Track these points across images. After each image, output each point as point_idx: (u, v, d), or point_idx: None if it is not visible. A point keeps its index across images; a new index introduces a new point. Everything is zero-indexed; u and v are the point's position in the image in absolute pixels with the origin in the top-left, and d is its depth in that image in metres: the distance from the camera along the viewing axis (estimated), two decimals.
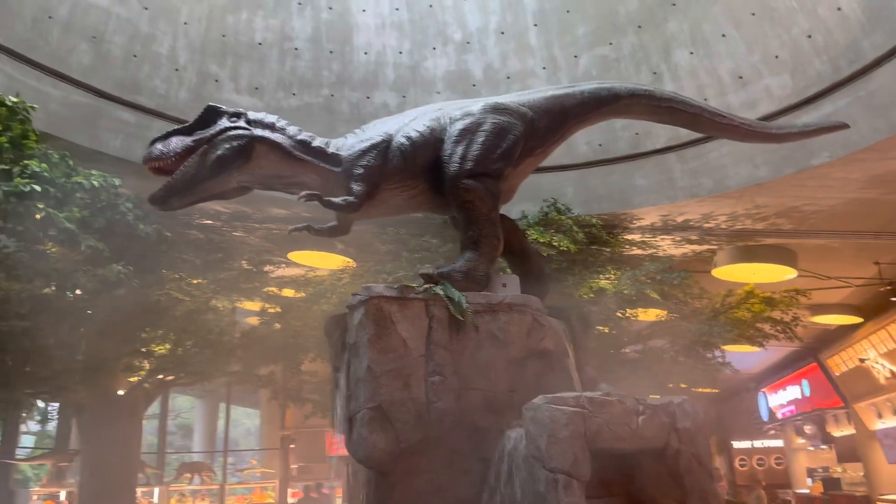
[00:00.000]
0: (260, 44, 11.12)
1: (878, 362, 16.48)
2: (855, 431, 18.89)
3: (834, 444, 20.88)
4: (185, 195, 5.54)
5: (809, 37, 8.40)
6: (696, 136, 9.19)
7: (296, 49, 11.27)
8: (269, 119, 5.79)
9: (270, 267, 14.19)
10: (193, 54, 10.66)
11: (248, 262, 13.00)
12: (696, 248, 12.12)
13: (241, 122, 5.63)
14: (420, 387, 5.09)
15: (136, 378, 13.30)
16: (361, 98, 11.43)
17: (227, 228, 13.11)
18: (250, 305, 14.48)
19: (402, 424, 4.98)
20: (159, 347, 13.08)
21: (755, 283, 11.80)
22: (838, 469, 20.64)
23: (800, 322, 10.80)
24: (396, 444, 4.95)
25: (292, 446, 20.36)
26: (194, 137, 5.53)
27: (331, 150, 5.78)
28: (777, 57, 8.78)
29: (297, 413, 19.03)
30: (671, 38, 9.84)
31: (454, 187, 5.66)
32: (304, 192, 5.44)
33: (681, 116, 6.50)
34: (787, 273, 11.88)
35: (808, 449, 23.31)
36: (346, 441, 5.20)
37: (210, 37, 10.78)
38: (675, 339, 10.64)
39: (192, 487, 18.54)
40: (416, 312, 5.23)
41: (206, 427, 28.27)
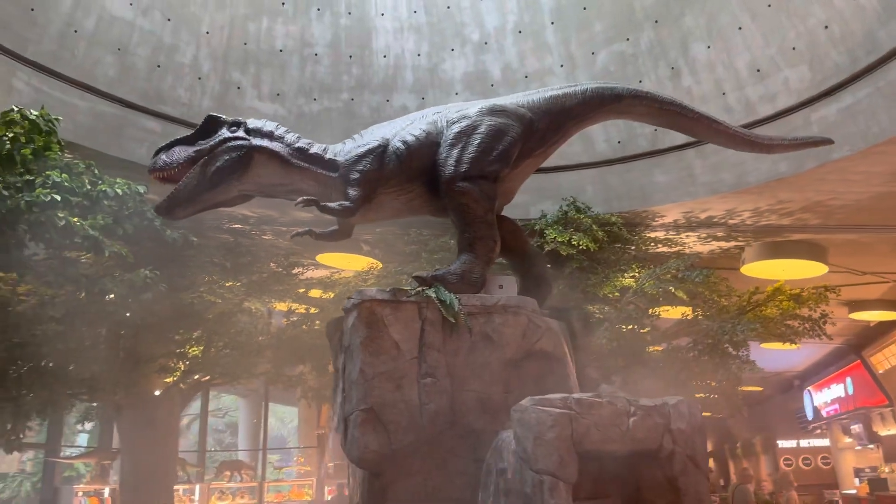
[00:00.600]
0: (280, 50, 11.32)
1: None
2: None
3: (881, 444, 20.23)
4: (189, 206, 5.75)
5: (826, 27, 8.19)
6: None
7: (316, 55, 11.44)
8: (268, 127, 5.93)
9: (299, 269, 14.47)
10: (216, 63, 10.91)
11: (276, 264, 13.27)
12: (724, 244, 11.92)
13: (240, 132, 5.78)
14: (412, 389, 5.16)
15: (171, 379, 13.69)
16: (381, 101, 11.54)
17: (256, 232, 13.39)
18: (282, 307, 14.75)
19: (395, 426, 5.06)
20: (193, 349, 13.43)
21: (785, 279, 11.54)
22: (885, 469, 20.00)
23: (829, 319, 10.51)
24: (389, 445, 5.03)
25: (329, 444, 20.65)
26: (196, 148, 5.70)
27: (328, 156, 5.88)
28: (794, 49, 8.58)
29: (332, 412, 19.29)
30: (688, 32, 9.69)
31: (449, 190, 5.71)
32: (301, 199, 5.57)
33: (681, 121, 6.48)
34: (818, 269, 11.61)
35: (856, 448, 22.64)
36: (342, 442, 5.31)
37: (232, 45, 11.02)
38: (699, 337, 10.47)
39: (232, 485, 18.95)
40: (409, 315, 5.30)
41: (251, 425, 28.86)
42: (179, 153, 5.68)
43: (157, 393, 13.96)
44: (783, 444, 26.76)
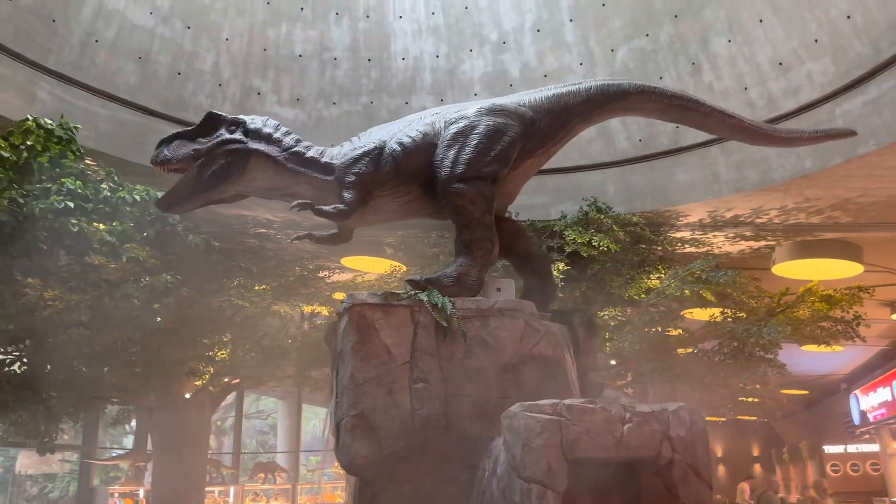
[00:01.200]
0: (300, 55, 11.37)
1: None
2: None
3: None
4: (187, 203, 5.87)
5: (848, 17, 7.85)
6: None
7: (335, 59, 11.47)
8: (267, 129, 5.91)
9: (325, 272, 14.54)
10: (236, 69, 11.01)
11: (300, 267, 13.36)
12: (753, 244, 11.56)
13: (238, 134, 5.79)
14: (404, 394, 5.09)
15: (200, 382, 13.89)
16: (400, 104, 11.51)
17: (282, 236, 13.49)
18: (309, 310, 14.83)
19: (386, 432, 4.99)
20: (221, 353, 13.60)
21: (820, 279, 11.13)
22: None
23: (866, 320, 10.09)
24: (379, 451, 4.96)
25: None
26: (195, 146, 5.74)
27: (324, 159, 5.85)
28: (816, 41, 8.25)
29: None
30: (708, 26, 9.41)
31: (446, 192, 5.63)
32: (296, 203, 5.56)
33: (691, 115, 6.25)
34: (854, 269, 11.17)
35: None
36: (334, 447, 5.26)
37: (251, 51, 11.11)
38: (724, 340, 10.17)
39: (266, 487, 19.13)
40: (401, 319, 5.23)
41: (288, 427, 29.11)
42: (179, 149, 5.73)
43: (187, 396, 14.19)
44: (830, 449, 25.93)
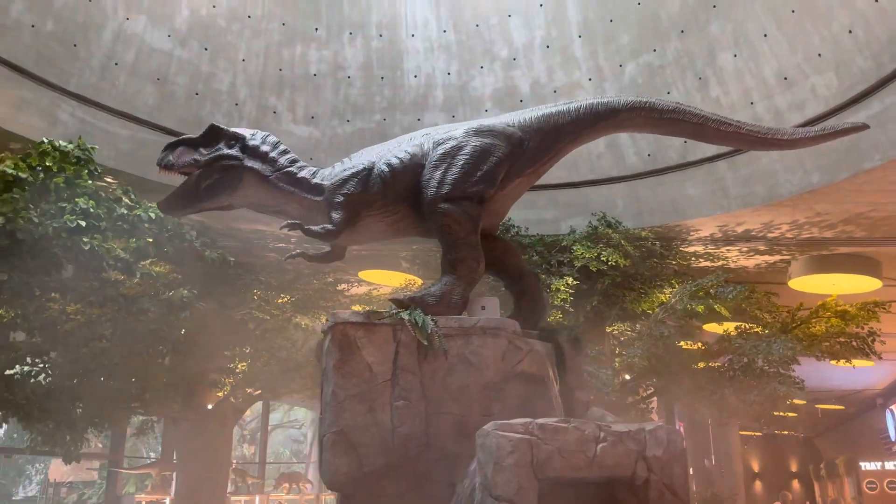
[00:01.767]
0: (314, 75, 11.63)
1: None
2: None
3: None
4: (186, 208, 6.24)
5: (850, 32, 7.77)
6: None
7: (348, 77, 11.70)
8: (264, 148, 6.09)
9: (344, 286, 14.75)
10: (252, 89, 11.31)
11: (318, 281, 13.60)
12: (768, 258, 11.43)
13: (236, 150, 5.98)
14: (385, 411, 5.19)
15: (222, 393, 14.18)
16: (413, 121, 11.67)
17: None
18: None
19: (366, 449, 5.09)
20: (242, 365, 13.88)
21: (837, 294, 10.96)
22: None
23: (878, 336, 9.89)
24: (360, 468, 5.07)
25: None
26: (195, 156, 5.97)
27: (315, 180, 6.01)
28: (820, 55, 8.17)
29: None
30: (714, 40, 9.39)
31: (431, 212, 5.73)
32: (285, 223, 5.73)
33: (684, 127, 6.19)
34: (872, 284, 10.97)
35: None
36: (318, 463, 5.38)
37: (267, 71, 11.40)
38: (734, 356, 10.06)
39: (291, 497, 19.36)
40: (383, 338, 5.34)
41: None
42: (182, 156, 5.98)
43: (209, 407, 14.49)
44: (867, 465, 25.21)
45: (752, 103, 9.07)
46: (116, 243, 8.34)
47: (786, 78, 8.61)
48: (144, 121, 10.38)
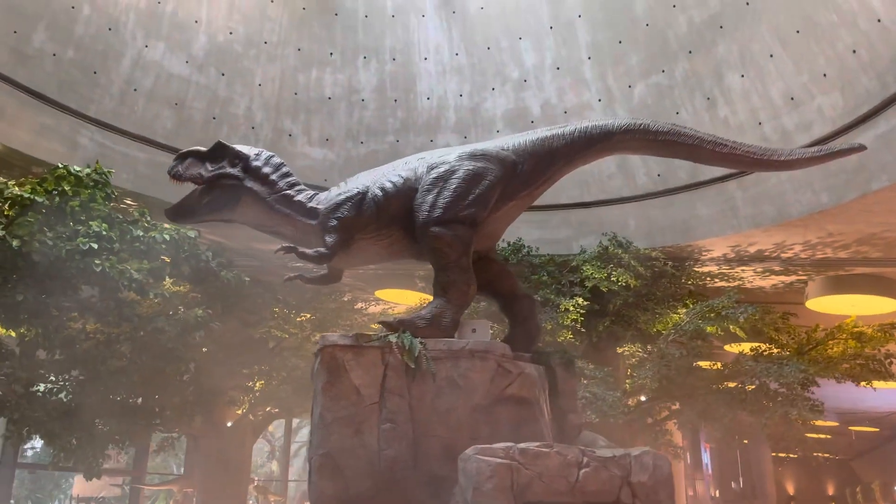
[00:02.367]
0: (329, 98, 11.84)
1: None
2: None
3: None
4: (190, 218, 6.46)
5: (854, 52, 7.69)
6: None
7: (362, 100, 11.88)
8: (266, 170, 6.22)
9: (362, 304, 14.88)
10: (268, 112, 11.56)
11: (335, 300, 13.75)
12: (784, 278, 11.27)
13: (238, 169, 6.14)
14: (372, 434, 5.23)
15: (240, 411, 14.37)
16: (425, 142, 11.81)
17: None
18: None
19: (352, 472, 5.14)
20: (259, 383, 14.06)
21: (857, 315, 10.75)
22: None
23: (895, 358, 9.68)
24: (346, 490, 5.11)
25: None
26: (201, 170, 6.14)
27: (311, 204, 6.13)
28: (825, 75, 8.10)
29: None
30: (721, 61, 9.36)
31: (424, 235, 5.80)
32: (280, 247, 5.84)
33: (680, 149, 6.17)
34: (891, 305, 10.75)
35: None
36: (307, 485, 5.44)
37: (283, 95, 11.65)
38: (745, 378, 9.91)
39: None
40: (371, 360, 5.39)
41: None
42: (189, 168, 6.16)
43: (228, 424, 14.68)
44: None
45: (760, 123, 9.01)
46: (131, 264, 8.53)
47: (792, 98, 8.54)
48: (163, 144, 10.67)
